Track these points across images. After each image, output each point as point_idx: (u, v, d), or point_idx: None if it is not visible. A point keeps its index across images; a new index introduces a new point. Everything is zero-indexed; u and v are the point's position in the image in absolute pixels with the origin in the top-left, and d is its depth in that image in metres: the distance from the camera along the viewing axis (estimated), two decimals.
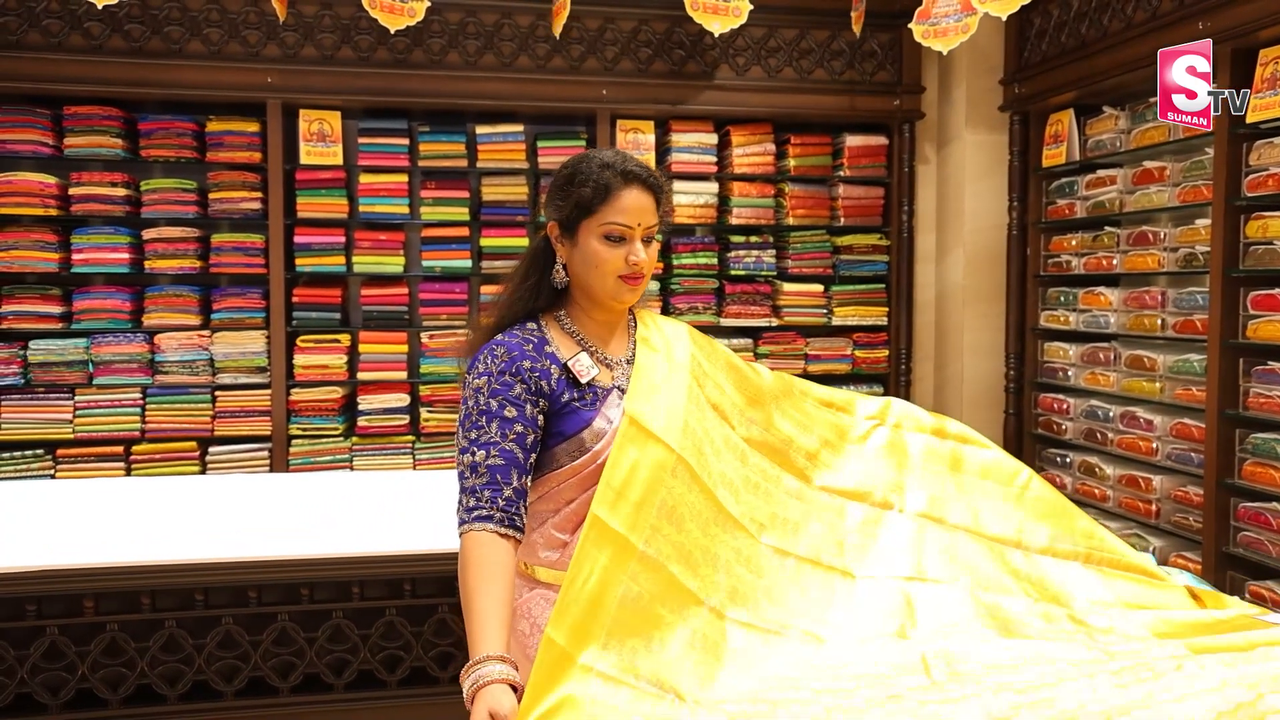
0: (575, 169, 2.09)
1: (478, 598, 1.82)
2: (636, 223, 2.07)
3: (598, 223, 2.06)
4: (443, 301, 5.96)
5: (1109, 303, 5.21)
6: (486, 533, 1.90)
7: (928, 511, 2.38)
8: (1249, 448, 4.33)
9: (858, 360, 6.34)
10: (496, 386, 2.01)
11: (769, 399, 2.39)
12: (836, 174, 6.27)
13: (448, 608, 3.30)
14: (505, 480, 1.94)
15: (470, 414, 2.01)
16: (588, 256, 2.07)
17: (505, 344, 2.07)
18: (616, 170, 2.06)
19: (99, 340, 5.58)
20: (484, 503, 1.92)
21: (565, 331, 2.14)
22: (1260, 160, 4.23)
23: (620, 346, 2.19)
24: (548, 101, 5.84)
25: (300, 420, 5.77)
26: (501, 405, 1.99)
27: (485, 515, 1.92)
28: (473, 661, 1.74)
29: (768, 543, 2.18)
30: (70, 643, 3.12)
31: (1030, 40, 5.70)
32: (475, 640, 1.78)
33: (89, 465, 5.57)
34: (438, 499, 3.93)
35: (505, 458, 1.96)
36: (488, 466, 1.95)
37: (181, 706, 3.20)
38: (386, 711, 3.32)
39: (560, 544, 2.09)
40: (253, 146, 5.70)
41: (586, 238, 2.07)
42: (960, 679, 1.90)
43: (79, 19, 5.34)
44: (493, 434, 1.97)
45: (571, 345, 2.12)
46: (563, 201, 2.09)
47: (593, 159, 2.10)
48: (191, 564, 3.07)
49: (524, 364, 2.04)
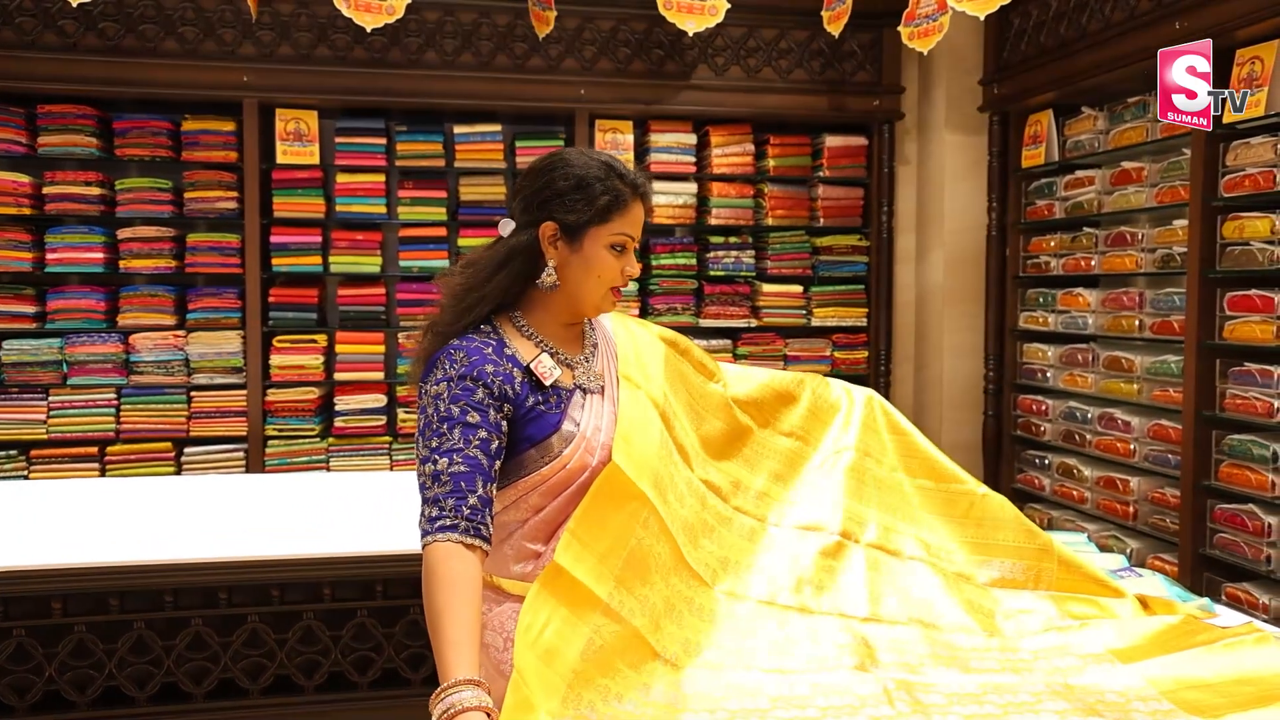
0: (587, 173, 2.03)
1: (446, 616, 1.74)
2: (637, 235, 2.07)
3: (609, 232, 2.03)
4: (420, 302, 5.92)
5: (1087, 304, 5.21)
6: (451, 543, 1.81)
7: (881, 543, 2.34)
8: (1225, 449, 4.33)
9: (837, 361, 6.33)
10: (457, 392, 1.93)
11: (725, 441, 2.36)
12: (816, 174, 6.26)
13: (419, 609, 3.26)
14: (470, 488, 1.86)
15: (430, 422, 1.93)
16: (591, 264, 2.03)
17: (464, 348, 1.99)
18: (629, 180, 2.05)
19: (73, 340, 5.54)
20: (447, 512, 1.83)
21: (522, 334, 2.07)
22: (1237, 161, 4.24)
23: (576, 346, 2.14)
24: (526, 101, 5.82)
25: (276, 421, 5.74)
26: (464, 411, 1.91)
27: (449, 525, 1.83)
28: (444, 686, 1.66)
29: (722, 590, 2.14)
30: (37, 644, 3.09)
31: (1009, 40, 5.71)
32: (446, 662, 1.69)
33: (63, 466, 5.52)
34: (413, 500, 3.87)
35: (469, 464, 1.87)
36: (450, 474, 1.86)
37: (150, 709, 3.16)
38: (358, 713, 3.29)
39: (533, 555, 2.03)
40: (229, 146, 5.66)
41: (594, 245, 2.02)
42: (925, 710, 1.88)
43: (53, 17, 5.30)
44: (455, 441, 1.89)
45: (530, 347, 2.05)
46: (578, 206, 2.02)
47: (598, 162, 2.05)
48: (160, 564, 3.04)
49: (486, 368, 1.96)
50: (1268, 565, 4.11)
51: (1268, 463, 4.09)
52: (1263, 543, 4.12)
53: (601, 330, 2.24)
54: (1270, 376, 4.10)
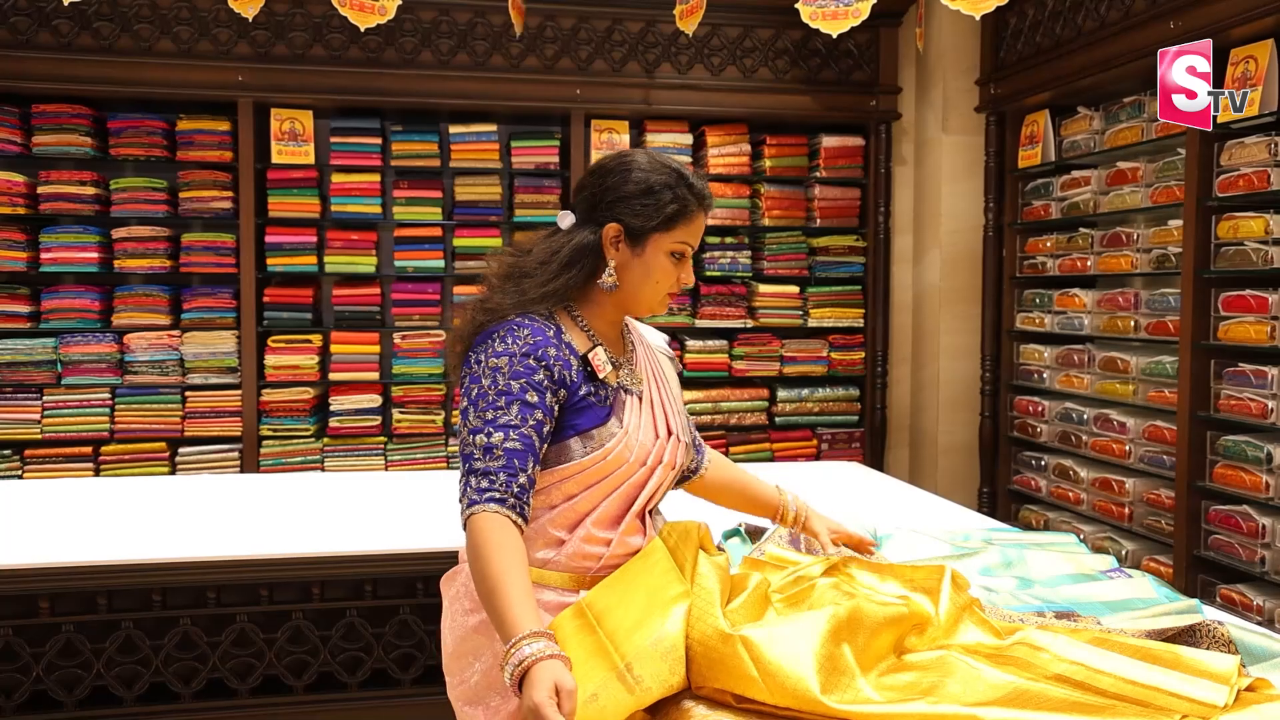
0: (656, 179, 2.04)
1: (505, 577, 1.74)
2: (697, 244, 2.10)
3: (672, 239, 2.05)
4: (415, 302, 5.92)
5: (1084, 304, 5.20)
6: (501, 516, 1.83)
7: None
8: (1220, 450, 4.32)
9: (834, 362, 6.32)
10: (519, 368, 1.93)
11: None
12: (812, 175, 6.25)
13: (409, 609, 3.27)
14: (521, 467, 1.87)
15: (486, 393, 1.92)
16: (651, 269, 2.05)
17: (528, 326, 2.00)
18: (695, 190, 2.06)
19: (67, 340, 5.53)
20: (498, 485, 1.84)
21: (577, 325, 2.09)
22: (1231, 160, 4.22)
23: (619, 346, 2.17)
24: (521, 101, 5.81)
25: (271, 421, 5.73)
26: (523, 389, 1.92)
27: (499, 498, 1.83)
28: (514, 641, 1.65)
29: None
30: (25, 644, 3.08)
31: (1006, 41, 5.70)
32: (513, 617, 1.69)
33: (57, 466, 5.52)
34: (406, 500, 3.90)
35: (524, 443, 1.89)
36: (505, 450, 1.87)
37: (138, 708, 3.16)
38: (347, 713, 3.28)
39: (557, 542, 2.03)
40: (224, 145, 5.66)
41: (655, 251, 2.05)
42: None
43: (47, 16, 5.30)
44: (512, 417, 1.89)
45: (584, 339, 2.07)
46: (646, 211, 2.03)
47: (670, 169, 2.06)
48: (147, 564, 3.02)
49: (549, 350, 1.97)
50: (1262, 567, 4.10)
51: (1262, 464, 4.08)
52: (1257, 544, 4.10)
53: (636, 332, 2.27)
54: (1264, 377, 4.09)
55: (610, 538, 2.03)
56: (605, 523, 2.03)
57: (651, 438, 2.08)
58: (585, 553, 2.03)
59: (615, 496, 2.04)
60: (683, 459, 2.19)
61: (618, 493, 2.04)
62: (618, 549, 2.04)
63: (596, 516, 2.02)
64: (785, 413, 6.28)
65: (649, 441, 2.08)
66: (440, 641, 2.17)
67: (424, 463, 5.87)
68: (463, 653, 2.07)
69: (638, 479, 2.06)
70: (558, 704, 1.57)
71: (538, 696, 1.56)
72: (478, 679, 2.03)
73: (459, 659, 2.07)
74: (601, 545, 2.03)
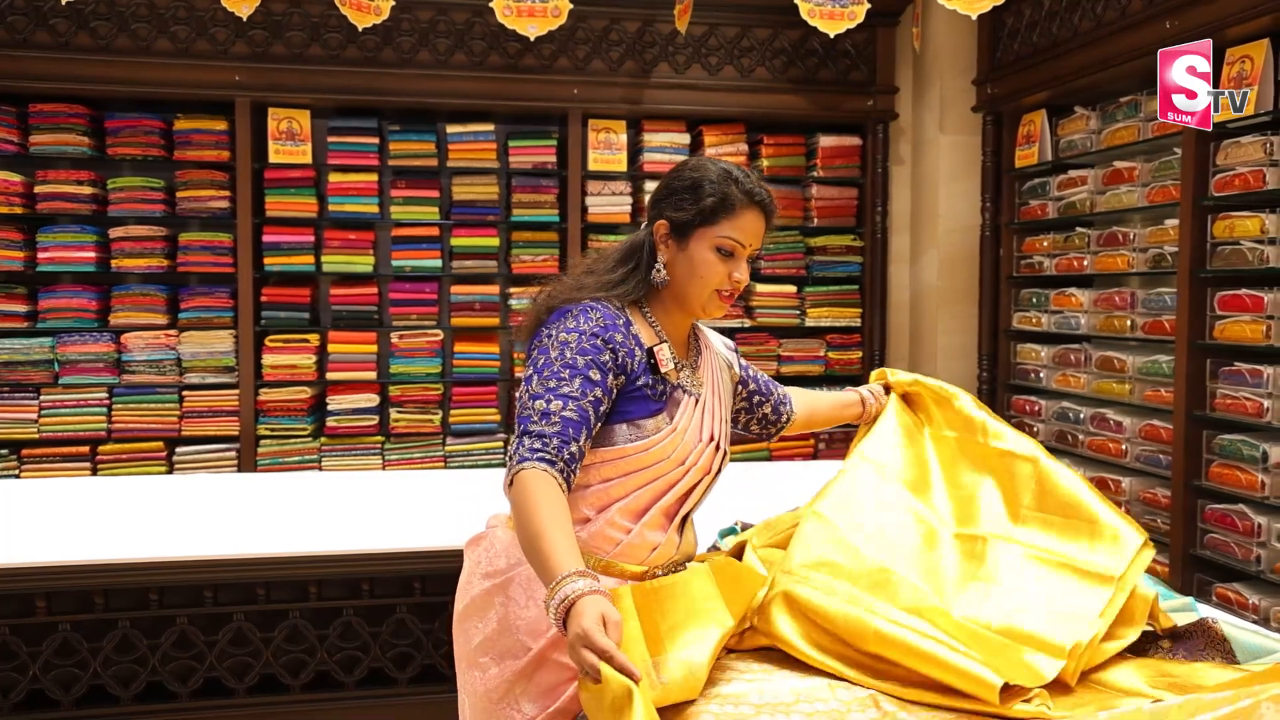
0: (702, 176, 2.10)
1: (552, 524, 1.75)
2: (749, 243, 2.12)
3: (715, 234, 2.08)
4: (413, 301, 5.93)
5: (1080, 304, 5.21)
6: (549, 474, 1.84)
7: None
8: (1216, 449, 4.32)
9: (831, 362, 6.33)
10: (587, 346, 1.98)
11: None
12: (810, 174, 6.26)
13: (406, 608, 3.27)
14: (574, 437, 1.89)
15: (551, 363, 1.97)
16: (695, 264, 2.09)
17: (600, 310, 2.06)
18: (744, 187, 2.10)
19: (65, 339, 5.54)
20: (550, 449, 1.86)
21: (646, 320, 2.14)
22: (1227, 160, 4.23)
23: (684, 349, 2.22)
24: (519, 101, 5.81)
25: (268, 420, 5.73)
26: (588, 365, 1.96)
27: (549, 459, 1.85)
28: (557, 580, 1.66)
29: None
30: (21, 643, 3.08)
31: (1002, 40, 5.70)
32: (553, 561, 1.70)
33: (55, 465, 5.52)
34: (404, 500, 3.90)
35: (580, 415, 1.92)
36: (561, 417, 1.90)
37: (136, 708, 3.15)
38: (344, 713, 3.28)
39: (583, 520, 2.06)
40: (221, 145, 5.66)
41: (699, 246, 2.09)
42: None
43: (45, 16, 5.30)
44: (574, 389, 1.93)
45: (651, 335, 2.12)
46: (686, 205, 2.09)
47: (718, 168, 2.12)
48: (144, 563, 3.02)
49: (615, 335, 2.03)
50: (1257, 565, 4.10)
51: (1258, 463, 4.08)
52: (1252, 543, 4.11)
53: (705, 340, 2.32)
54: (1260, 376, 4.10)
55: (631, 527, 2.07)
56: (631, 513, 2.07)
57: (696, 440, 2.13)
58: (606, 535, 2.06)
59: (647, 489, 2.07)
60: (718, 467, 2.23)
61: (650, 486, 2.07)
62: (635, 539, 2.07)
63: (625, 505, 2.06)
64: None
65: (693, 443, 2.12)
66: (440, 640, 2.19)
67: (421, 462, 5.88)
68: (471, 612, 2.11)
69: (672, 477, 2.10)
70: (605, 631, 1.57)
71: (585, 623, 1.56)
72: (479, 641, 2.07)
73: (466, 618, 2.12)
74: (622, 533, 2.06)
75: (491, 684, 2.02)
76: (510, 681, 2.00)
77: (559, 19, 4.64)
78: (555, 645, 1.98)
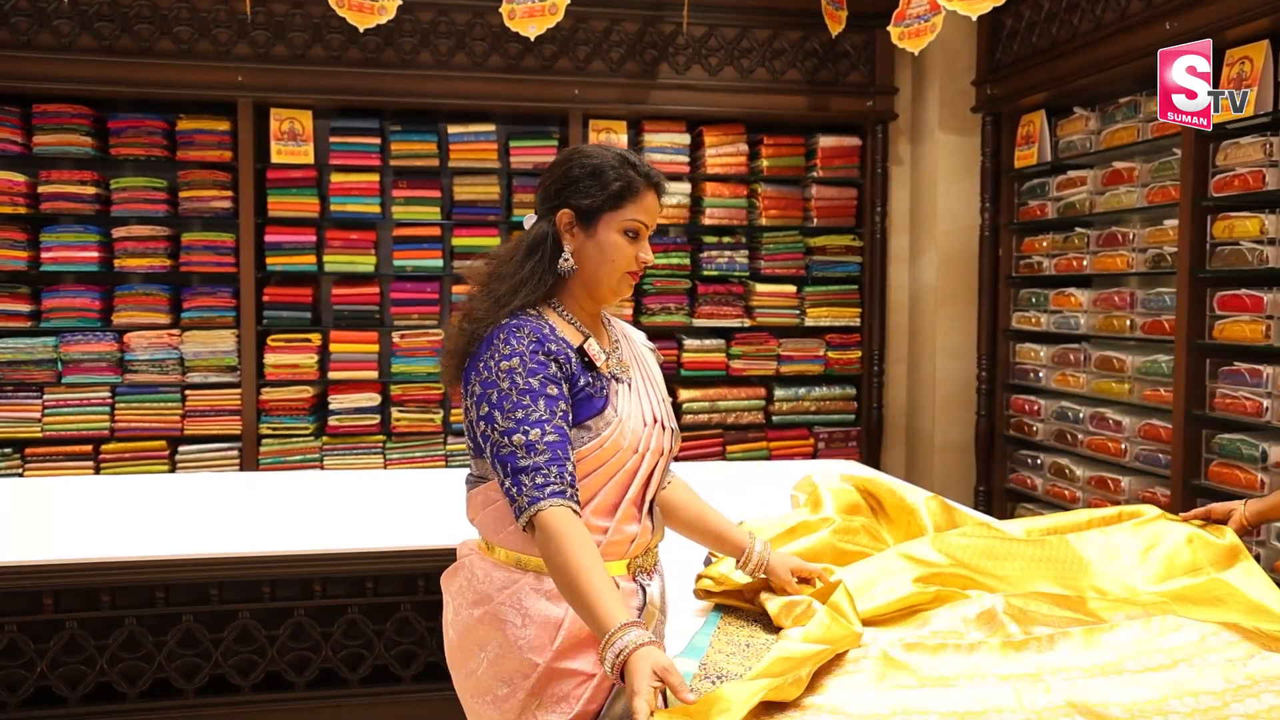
0: (602, 162, 2.10)
1: (589, 570, 1.78)
2: (651, 223, 2.14)
3: (621, 217, 2.09)
4: (414, 301, 5.94)
5: (1079, 304, 5.23)
6: (566, 508, 1.85)
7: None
8: (1215, 449, 4.34)
9: (830, 361, 6.35)
10: (533, 365, 1.97)
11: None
12: (809, 175, 6.28)
13: (409, 606, 3.29)
14: (565, 456, 1.90)
15: (507, 395, 1.94)
16: (605, 249, 2.10)
17: (525, 324, 2.04)
18: (641, 170, 2.12)
19: (68, 339, 5.55)
20: (554, 479, 1.87)
21: (564, 319, 2.13)
22: (1227, 160, 4.25)
23: (604, 336, 2.21)
24: (520, 101, 5.83)
25: (270, 419, 5.75)
26: (543, 384, 1.96)
27: (560, 491, 1.86)
28: (611, 632, 1.70)
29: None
30: (29, 640, 3.10)
31: (1002, 41, 5.72)
32: (602, 612, 1.74)
33: (58, 464, 5.53)
34: (406, 498, 3.92)
35: (559, 434, 1.92)
36: (547, 444, 1.89)
37: (141, 704, 3.17)
38: (348, 710, 3.30)
39: None
40: (223, 145, 5.68)
41: (607, 230, 2.09)
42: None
43: (48, 17, 5.31)
44: (542, 411, 1.92)
45: (574, 332, 2.11)
46: (593, 191, 2.09)
47: (614, 153, 2.13)
48: (151, 560, 3.04)
49: (550, 345, 2.01)
50: (1257, 564, 4.11)
51: (1257, 462, 4.11)
52: (1251, 542, 4.13)
53: (617, 324, 2.32)
54: (1259, 376, 4.12)
55: (607, 525, 2.07)
56: (603, 511, 2.07)
57: (641, 424, 2.12)
58: None
59: (612, 485, 2.07)
60: (670, 445, 2.22)
61: (614, 481, 2.07)
62: (614, 536, 2.07)
63: (596, 505, 2.05)
64: (782, 412, 6.31)
65: (639, 428, 2.11)
66: (442, 638, 2.19)
67: (423, 461, 5.89)
68: (467, 645, 2.09)
69: (630, 466, 2.09)
70: (664, 679, 1.64)
71: (638, 684, 1.62)
72: (484, 670, 2.05)
73: (463, 651, 2.10)
74: (600, 533, 2.05)
75: (507, 706, 2.02)
76: (525, 700, 2.00)
77: (555, 16, 4.66)
78: (560, 655, 1.99)
